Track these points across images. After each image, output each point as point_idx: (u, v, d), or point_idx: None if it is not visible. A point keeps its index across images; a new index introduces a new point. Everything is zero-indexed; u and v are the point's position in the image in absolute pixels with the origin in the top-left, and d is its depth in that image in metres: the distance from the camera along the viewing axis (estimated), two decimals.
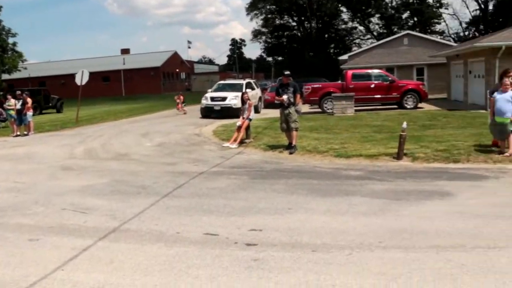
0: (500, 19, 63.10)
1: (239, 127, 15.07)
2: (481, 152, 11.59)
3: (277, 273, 5.18)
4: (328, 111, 25.07)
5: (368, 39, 79.87)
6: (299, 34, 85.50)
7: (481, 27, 68.44)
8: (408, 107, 25.80)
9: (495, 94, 11.47)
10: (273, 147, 13.86)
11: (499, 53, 22.22)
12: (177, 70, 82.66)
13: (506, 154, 11.09)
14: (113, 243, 6.33)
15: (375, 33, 78.85)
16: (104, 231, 6.82)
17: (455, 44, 44.57)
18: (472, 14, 72.28)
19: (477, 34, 63.10)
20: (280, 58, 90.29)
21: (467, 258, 5.45)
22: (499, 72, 17.18)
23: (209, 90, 28.51)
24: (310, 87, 26.48)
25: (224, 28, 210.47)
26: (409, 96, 26.15)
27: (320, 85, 27.51)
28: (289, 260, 5.53)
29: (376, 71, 27.84)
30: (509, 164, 10.60)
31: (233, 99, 24.96)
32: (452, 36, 73.27)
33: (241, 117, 15.50)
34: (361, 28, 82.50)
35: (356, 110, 24.02)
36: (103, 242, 6.37)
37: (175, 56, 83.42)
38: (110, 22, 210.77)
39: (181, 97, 31.88)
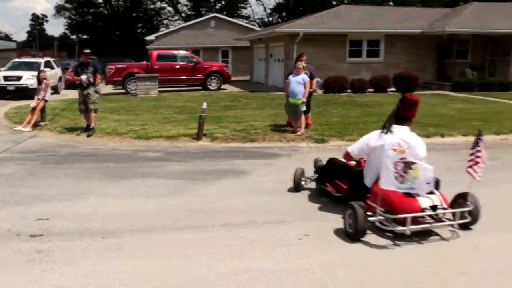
0: (301, 8, 67.06)
1: (34, 109, 14.07)
2: (276, 131, 12.19)
3: (62, 264, 4.87)
4: (131, 92, 24.51)
5: (176, 20, 79.71)
6: (105, 11, 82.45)
7: (284, 14, 72.12)
8: (212, 88, 26.22)
9: (290, 76, 12.06)
10: (70, 130, 13.15)
11: (297, 39, 23.74)
12: None
13: (298, 133, 11.78)
14: None
15: (183, 15, 78.94)
16: None
17: (259, 29, 46.46)
18: (276, 1, 75.95)
19: (280, 20, 66.42)
20: (85, 37, 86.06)
21: (257, 233, 5.66)
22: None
23: (2, 68, 26.34)
24: (113, 67, 25.64)
25: (24, 2, 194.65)
26: (213, 77, 26.55)
27: (124, 65, 26.83)
28: (77, 249, 5.25)
29: (182, 52, 27.84)
30: (301, 143, 11.29)
31: (29, 78, 23.19)
32: (257, 21, 76.27)
33: (36, 98, 14.50)
34: (170, 8, 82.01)
35: (160, 91, 23.80)
36: None
37: None
38: None
39: None
